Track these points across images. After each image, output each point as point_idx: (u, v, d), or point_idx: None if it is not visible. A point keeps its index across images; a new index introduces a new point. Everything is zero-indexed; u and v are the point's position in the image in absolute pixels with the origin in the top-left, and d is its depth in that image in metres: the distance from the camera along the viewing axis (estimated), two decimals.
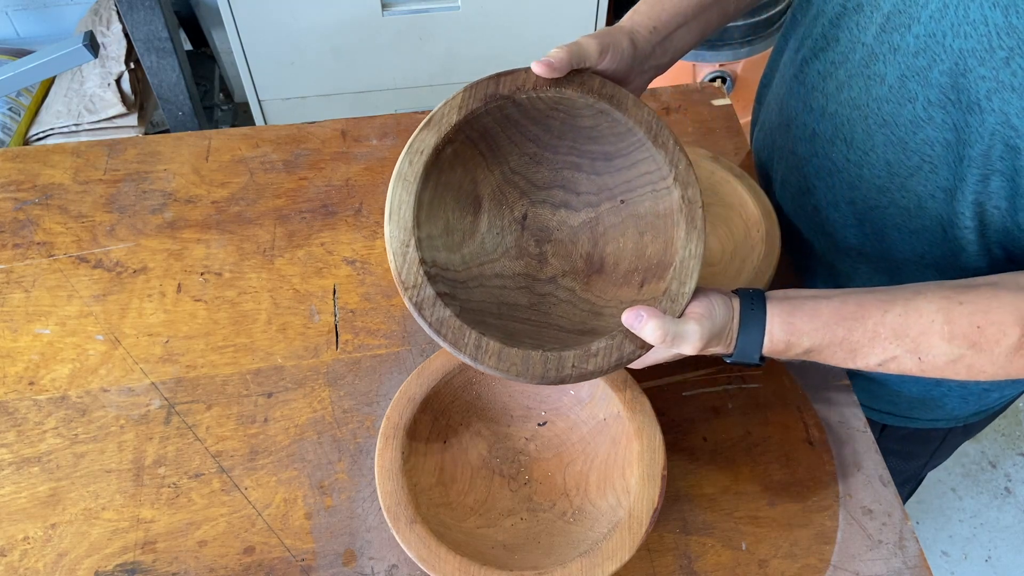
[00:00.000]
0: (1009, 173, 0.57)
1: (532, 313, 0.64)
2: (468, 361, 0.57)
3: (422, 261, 0.58)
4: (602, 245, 0.66)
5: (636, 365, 0.61)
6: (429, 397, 0.68)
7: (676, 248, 0.61)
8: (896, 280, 0.70)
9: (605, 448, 0.68)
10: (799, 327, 0.58)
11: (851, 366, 0.59)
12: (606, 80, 0.61)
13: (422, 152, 0.60)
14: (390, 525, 0.61)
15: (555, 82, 0.61)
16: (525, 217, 0.67)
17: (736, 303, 0.59)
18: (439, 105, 0.61)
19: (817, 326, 0.57)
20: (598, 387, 0.68)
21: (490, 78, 0.61)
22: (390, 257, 0.58)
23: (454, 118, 0.61)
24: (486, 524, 0.66)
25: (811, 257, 0.79)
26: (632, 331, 0.57)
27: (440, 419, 0.69)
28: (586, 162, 0.66)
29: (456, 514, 0.66)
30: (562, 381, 0.57)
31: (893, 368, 0.58)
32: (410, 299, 0.57)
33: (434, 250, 0.61)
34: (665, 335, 0.56)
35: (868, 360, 0.58)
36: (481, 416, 0.71)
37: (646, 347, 0.58)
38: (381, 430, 0.65)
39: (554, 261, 0.66)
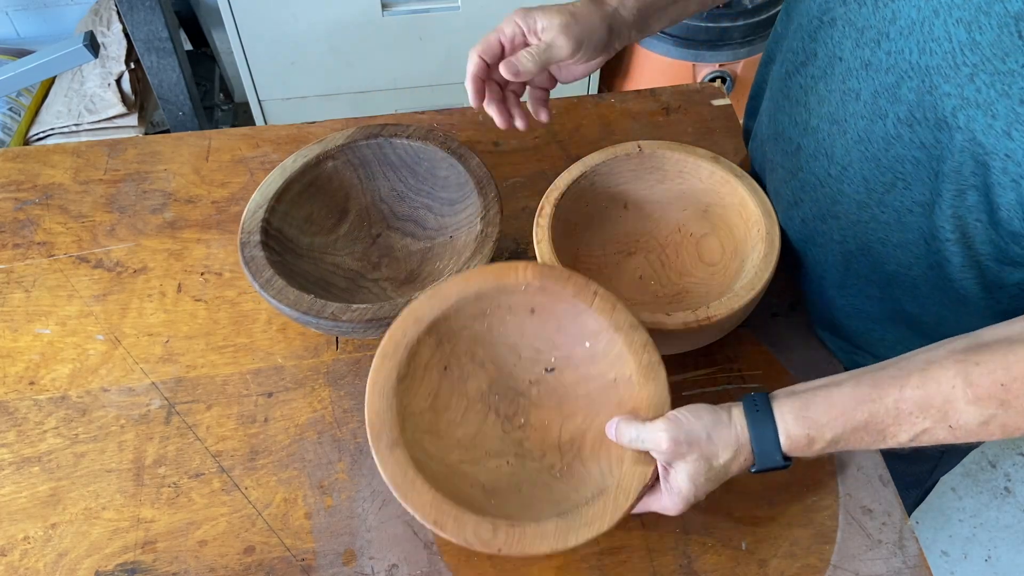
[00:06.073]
0: (982, 188, 0.56)
1: (345, 294, 0.78)
2: (257, 289, 0.70)
3: (266, 220, 0.75)
4: (426, 266, 0.81)
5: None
6: (438, 320, 0.65)
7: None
8: (886, 292, 0.70)
9: (609, 410, 0.64)
10: (817, 420, 0.56)
11: (882, 447, 0.57)
12: (460, 143, 0.81)
13: (306, 156, 0.80)
14: (371, 445, 0.59)
15: (424, 137, 0.82)
16: (379, 236, 0.84)
17: (737, 412, 0.58)
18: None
19: (835, 415, 0.55)
20: (615, 345, 0.65)
21: (380, 125, 0.83)
22: (244, 215, 0.75)
23: (339, 141, 0.81)
24: (470, 461, 0.64)
25: (804, 267, 0.79)
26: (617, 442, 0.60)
27: (445, 344, 0.66)
28: (436, 205, 0.83)
29: (441, 444, 0.64)
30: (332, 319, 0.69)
31: (927, 440, 0.55)
32: (240, 240, 0.73)
33: (286, 224, 0.78)
34: (633, 438, 0.59)
35: (899, 438, 0.56)
36: (488, 349, 0.68)
37: None
38: (381, 346, 0.63)
39: (384, 270, 0.82)
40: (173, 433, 0.73)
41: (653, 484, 0.59)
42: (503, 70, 0.66)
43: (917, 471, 0.93)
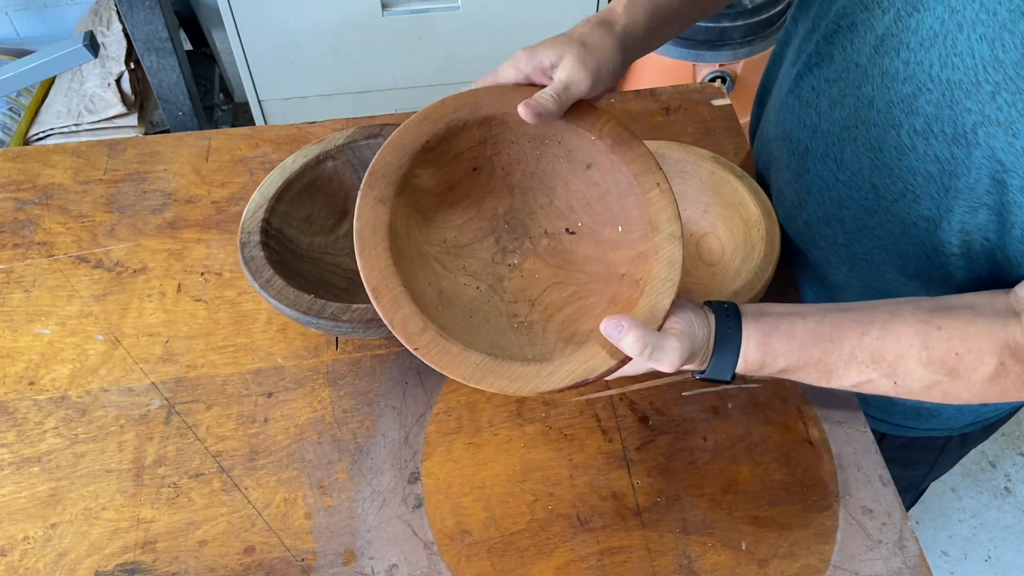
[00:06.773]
0: (996, 207, 0.56)
1: (345, 294, 0.77)
2: (257, 289, 0.69)
3: (266, 220, 0.74)
4: None
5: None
6: (495, 117, 0.59)
7: None
8: (886, 294, 0.70)
9: (599, 300, 0.61)
10: (775, 347, 0.57)
11: (825, 385, 0.58)
12: None
13: (306, 156, 0.79)
14: (360, 190, 0.56)
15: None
16: None
17: (711, 319, 0.58)
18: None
19: (793, 347, 0.56)
20: (644, 245, 0.60)
21: (380, 125, 0.81)
22: (244, 215, 0.74)
23: (339, 141, 0.80)
24: (443, 265, 0.62)
25: (805, 268, 0.79)
26: (610, 340, 0.55)
27: (488, 146, 0.62)
28: None
29: (427, 233, 0.60)
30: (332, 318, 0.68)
31: (868, 389, 0.57)
32: (240, 240, 0.72)
33: (286, 224, 0.77)
34: (645, 347, 0.54)
35: (843, 381, 0.57)
36: (525, 178, 0.64)
37: None
38: (425, 109, 0.58)
39: None
40: (173, 433, 0.73)
41: (582, 384, 0.57)
42: (523, 112, 0.58)
43: (911, 476, 0.93)
